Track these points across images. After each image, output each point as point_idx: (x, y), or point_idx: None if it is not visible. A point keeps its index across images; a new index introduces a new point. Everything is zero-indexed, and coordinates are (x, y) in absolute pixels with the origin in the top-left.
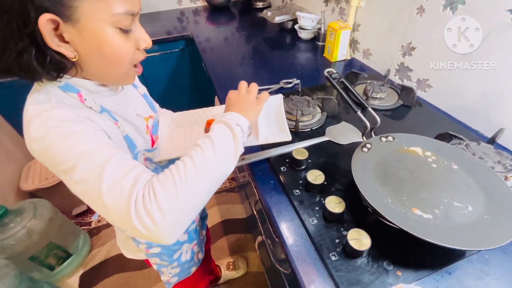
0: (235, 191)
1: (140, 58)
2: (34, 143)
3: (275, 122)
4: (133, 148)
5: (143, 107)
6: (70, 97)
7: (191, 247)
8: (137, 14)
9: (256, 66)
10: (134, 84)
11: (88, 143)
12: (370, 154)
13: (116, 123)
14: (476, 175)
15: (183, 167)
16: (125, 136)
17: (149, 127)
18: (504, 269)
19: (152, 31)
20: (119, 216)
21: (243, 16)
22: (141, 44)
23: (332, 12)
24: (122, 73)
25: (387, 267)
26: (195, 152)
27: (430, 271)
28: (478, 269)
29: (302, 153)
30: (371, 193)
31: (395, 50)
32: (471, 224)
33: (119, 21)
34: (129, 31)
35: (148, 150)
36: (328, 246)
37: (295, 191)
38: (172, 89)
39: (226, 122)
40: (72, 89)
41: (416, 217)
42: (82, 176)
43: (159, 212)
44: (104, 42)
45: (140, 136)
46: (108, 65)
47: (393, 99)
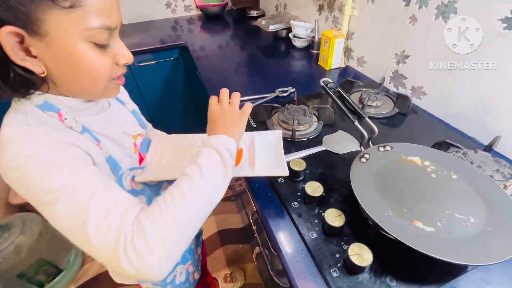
0: (232, 200)
1: (119, 73)
2: (10, 172)
3: (273, 156)
4: (117, 169)
5: (131, 125)
6: (49, 117)
7: (186, 268)
8: (115, 29)
9: (251, 75)
10: (122, 101)
11: (69, 175)
12: (369, 165)
13: (98, 143)
14: (476, 184)
15: (172, 200)
16: (108, 157)
17: (137, 145)
18: (505, 276)
19: (146, 41)
20: (106, 256)
21: (237, 24)
22: (120, 59)
23: (326, 20)
24: (100, 88)
25: (390, 283)
26: (184, 181)
27: (434, 286)
28: (479, 278)
29: (300, 163)
30: (371, 206)
31: (389, 58)
32: (475, 237)
33: (93, 35)
34: (106, 46)
35: (134, 168)
36: (328, 262)
37: (293, 204)
38: (167, 98)
39: (215, 147)
40: (51, 108)
41: (418, 231)
42: (65, 211)
43: (149, 252)
44: (76, 58)
45: (127, 155)
46: (82, 80)
47: (388, 107)
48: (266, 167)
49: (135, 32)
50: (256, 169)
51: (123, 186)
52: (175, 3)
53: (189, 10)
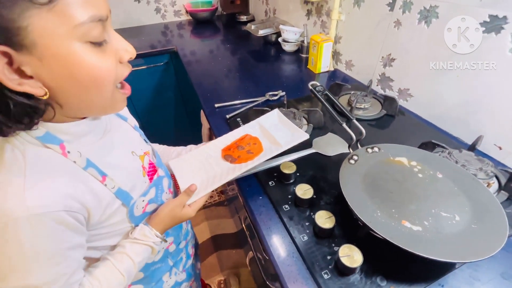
0: (224, 205)
1: (126, 73)
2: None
3: (285, 129)
4: (128, 201)
5: (137, 143)
6: (51, 152)
7: (190, 285)
8: (106, 19)
9: (241, 79)
10: (123, 117)
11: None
12: (357, 166)
13: (104, 178)
14: (461, 183)
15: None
16: (117, 191)
17: (145, 168)
18: (492, 272)
19: (135, 46)
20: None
21: (227, 29)
22: (124, 55)
23: (314, 25)
24: (109, 98)
25: (381, 283)
26: (116, 279)
27: (424, 285)
28: (467, 274)
29: (290, 166)
30: (361, 207)
31: (376, 61)
32: (460, 234)
33: (86, 32)
34: (104, 42)
35: (146, 194)
36: (319, 264)
37: (284, 207)
38: (157, 104)
39: (154, 248)
40: (53, 139)
41: (406, 230)
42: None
43: None
44: (76, 65)
45: (137, 181)
46: (89, 92)
47: (376, 109)
48: (287, 140)
49: (124, 37)
50: (282, 144)
51: (134, 215)
52: (165, 9)
53: (179, 15)
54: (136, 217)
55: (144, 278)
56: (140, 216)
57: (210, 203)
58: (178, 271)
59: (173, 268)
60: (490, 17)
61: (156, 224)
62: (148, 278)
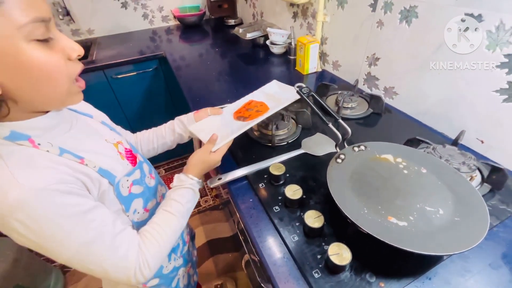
0: (219, 209)
1: (78, 70)
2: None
3: (286, 92)
4: (112, 179)
5: (108, 133)
6: (22, 147)
7: (187, 271)
8: (49, 20)
9: (230, 82)
10: (88, 114)
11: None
12: (344, 165)
13: (82, 160)
14: (444, 177)
15: (166, 236)
16: (99, 170)
17: (121, 153)
18: (482, 263)
19: (123, 52)
20: (122, 280)
21: (216, 33)
22: (71, 53)
23: (301, 27)
24: (64, 91)
25: (370, 279)
26: (172, 221)
27: (412, 279)
28: (457, 267)
29: (279, 168)
30: (348, 205)
31: (361, 61)
32: (444, 227)
33: (30, 32)
34: (50, 39)
35: (131, 174)
36: (310, 263)
37: (274, 208)
38: (148, 110)
39: (192, 188)
40: (20, 136)
41: (392, 226)
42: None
43: (150, 273)
44: (25, 62)
45: (117, 163)
46: (41, 86)
47: (363, 108)
48: (288, 97)
49: (112, 44)
50: (282, 101)
51: (120, 194)
52: (152, 14)
53: (167, 20)
54: (124, 197)
55: None
56: (127, 196)
57: (205, 208)
58: (176, 256)
59: (171, 254)
60: (466, 15)
61: (189, 170)
62: None
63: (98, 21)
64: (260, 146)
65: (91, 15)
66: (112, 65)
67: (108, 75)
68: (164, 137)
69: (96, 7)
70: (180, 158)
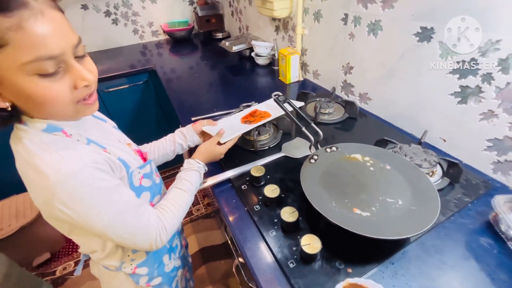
0: (212, 217)
1: (84, 94)
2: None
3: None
4: (127, 168)
5: (120, 136)
6: (58, 136)
7: (184, 274)
8: (60, 55)
9: (218, 93)
10: (103, 119)
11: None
12: (317, 165)
13: (105, 150)
14: (405, 173)
15: (180, 208)
16: (119, 159)
17: (134, 150)
18: (439, 246)
19: (114, 67)
20: (144, 247)
21: (205, 46)
22: (78, 83)
23: (283, 39)
24: (69, 112)
25: (339, 266)
26: (185, 197)
27: (376, 264)
28: (416, 252)
29: (259, 170)
30: (318, 200)
31: (338, 69)
32: (401, 216)
33: (33, 68)
34: (56, 73)
35: (143, 167)
36: (286, 255)
37: (255, 207)
38: (139, 123)
39: (199, 171)
40: (55, 128)
41: (356, 216)
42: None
43: (167, 237)
44: (27, 92)
45: (131, 157)
46: (45, 109)
47: (340, 113)
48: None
49: (102, 59)
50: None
51: (132, 183)
52: (142, 29)
53: (157, 35)
54: (135, 188)
55: (147, 260)
56: (138, 187)
57: (197, 216)
58: (175, 256)
59: (171, 253)
60: (421, 28)
61: (197, 156)
62: (151, 260)
63: (90, 37)
64: (243, 151)
65: (82, 31)
66: (103, 79)
67: (99, 89)
68: (165, 148)
69: (87, 24)
70: (172, 168)
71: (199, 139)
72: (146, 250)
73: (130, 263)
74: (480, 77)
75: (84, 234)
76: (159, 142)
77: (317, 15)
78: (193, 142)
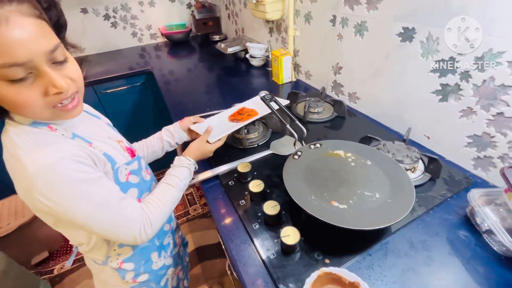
0: (208, 216)
1: (56, 100)
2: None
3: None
4: (113, 164)
5: (112, 133)
6: (42, 130)
7: (176, 273)
8: (22, 64)
9: (213, 93)
10: (97, 116)
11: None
12: (300, 160)
13: (91, 144)
14: (385, 168)
15: (166, 201)
16: (104, 154)
17: (123, 147)
18: (415, 239)
19: (112, 68)
20: (128, 241)
21: (202, 48)
22: (49, 89)
23: (276, 41)
24: (46, 115)
25: (318, 257)
26: (172, 192)
27: (354, 255)
28: (398, 243)
29: (246, 166)
30: (298, 193)
31: (328, 70)
32: (377, 208)
33: (0, 75)
34: (25, 79)
35: (131, 163)
36: (267, 247)
37: (240, 202)
38: (136, 123)
39: (189, 168)
40: (40, 124)
41: (334, 209)
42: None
43: (152, 232)
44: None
45: (119, 152)
46: (21, 112)
47: (329, 112)
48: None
49: (102, 61)
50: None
51: (118, 179)
52: (141, 32)
53: (155, 38)
54: (121, 183)
55: (134, 256)
56: (124, 183)
57: (194, 216)
58: (166, 254)
59: (162, 251)
60: (403, 28)
61: (187, 153)
62: (138, 256)
63: (89, 40)
64: (232, 149)
65: (82, 34)
66: (100, 80)
67: (97, 90)
68: (154, 145)
69: (86, 27)
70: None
71: (186, 136)
72: (131, 244)
73: (116, 258)
74: (459, 75)
75: (70, 227)
76: (148, 140)
77: (307, 16)
78: (180, 139)
